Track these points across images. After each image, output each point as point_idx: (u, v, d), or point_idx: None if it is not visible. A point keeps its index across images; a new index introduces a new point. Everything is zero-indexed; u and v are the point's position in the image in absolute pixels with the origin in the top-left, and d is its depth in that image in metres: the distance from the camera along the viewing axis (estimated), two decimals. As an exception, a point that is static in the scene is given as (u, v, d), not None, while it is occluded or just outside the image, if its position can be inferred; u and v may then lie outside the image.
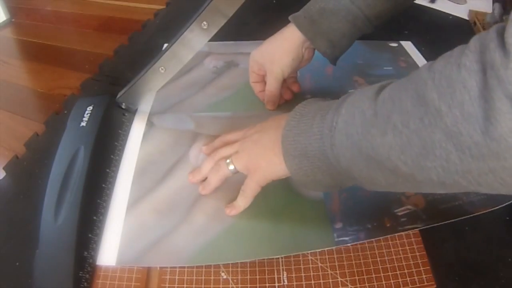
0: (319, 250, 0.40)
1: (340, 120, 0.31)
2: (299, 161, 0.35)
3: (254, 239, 0.40)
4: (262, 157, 0.39)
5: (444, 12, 0.80)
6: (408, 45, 0.69)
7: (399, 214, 0.42)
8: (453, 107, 0.23)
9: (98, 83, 0.64)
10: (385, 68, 0.63)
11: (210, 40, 0.68)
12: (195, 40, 0.47)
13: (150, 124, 0.53)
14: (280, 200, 0.44)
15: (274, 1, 0.85)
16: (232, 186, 0.44)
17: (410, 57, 0.66)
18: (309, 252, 0.40)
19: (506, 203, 0.41)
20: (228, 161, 0.41)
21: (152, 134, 0.52)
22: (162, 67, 0.49)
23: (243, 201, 0.42)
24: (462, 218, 0.41)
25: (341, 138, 0.31)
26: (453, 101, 0.23)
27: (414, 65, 0.64)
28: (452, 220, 0.41)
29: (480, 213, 0.41)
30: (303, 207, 0.43)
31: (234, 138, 0.44)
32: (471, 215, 0.41)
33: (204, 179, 0.45)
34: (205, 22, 0.44)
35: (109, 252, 0.40)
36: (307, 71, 0.60)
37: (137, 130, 0.53)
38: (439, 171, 0.26)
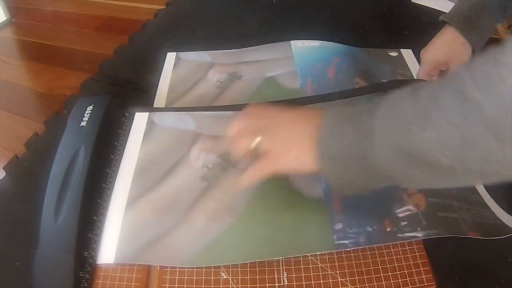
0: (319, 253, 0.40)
1: (378, 122, 0.32)
2: (333, 164, 0.36)
3: (254, 240, 0.40)
4: (289, 150, 0.38)
5: (445, 12, 0.80)
6: (407, 54, 0.68)
7: (400, 216, 0.41)
8: (493, 101, 0.25)
9: (98, 83, 0.64)
10: (382, 80, 0.62)
11: (212, 49, 0.68)
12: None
13: (150, 123, 0.53)
14: (279, 199, 0.44)
15: (274, 1, 0.85)
16: (228, 188, 0.44)
17: (408, 69, 0.65)
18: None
19: (497, 237, 0.40)
20: (253, 137, 0.38)
21: (152, 133, 0.52)
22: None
23: (248, 181, 0.39)
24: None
25: (379, 139, 0.32)
26: (494, 96, 0.25)
27: (410, 78, 0.63)
28: (448, 236, 0.40)
29: (470, 236, 0.40)
30: (303, 207, 0.43)
31: (260, 114, 0.41)
32: (462, 236, 0.40)
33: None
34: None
35: (107, 250, 0.40)
36: (308, 74, 0.60)
37: (137, 129, 0.52)
38: (479, 162, 0.27)
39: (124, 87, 0.62)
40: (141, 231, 0.41)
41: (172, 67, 0.64)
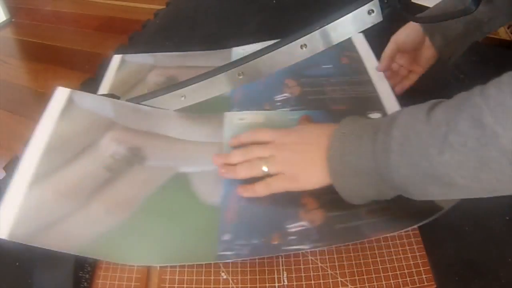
0: (221, 261, 0.39)
1: (394, 142, 0.34)
2: (347, 178, 0.37)
3: (146, 242, 0.40)
4: (302, 170, 0.41)
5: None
6: (357, 36, 0.65)
7: (291, 231, 0.40)
8: (508, 129, 0.27)
9: (98, 83, 0.64)
10: (324, 66, 0.60)
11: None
12: (225, 84, 0.49)
13: (70, 101, 0.51)
14: (177, 202, 0.43)
15: (274, 1, 0.85)
16: (133, 182, 0.44)
17: (356, 51, 0.63)
18: (308, 252, 0.40)
19: (408, 228, 0.39)
20: (262, 162, 0.42)
21: (70, 112, 0.50)
22: (184, 96, 0.50)
23: (263, 191, 0.42)
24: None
25: (396, 158, 0.33)
26: (509, 124, 0.27)
27: (357, 60, 0.61)
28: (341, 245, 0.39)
29: (376, 237, 0.39)
30: (197, 214, 0.42)
31: (264, 138, 0.45)
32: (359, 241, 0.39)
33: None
34: (241, 72, 0.47)
35: (3, 224, 0.39)
36: None
37: (55, 105, 0.50)
38: (493, 182, 0.30)
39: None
40: (40, 213, 0.40)
41: (115, 70, 0.64)
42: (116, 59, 0.66)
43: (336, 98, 0.56)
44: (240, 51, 0.67)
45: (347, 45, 0.64)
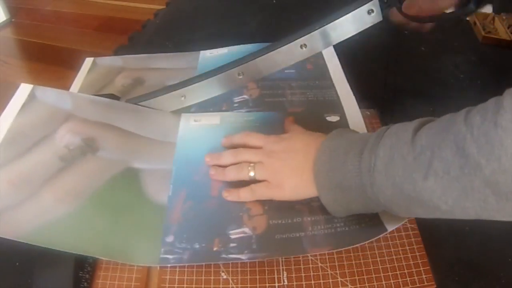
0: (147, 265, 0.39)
1: (379, 162, 0.33)
2: (334, 193, 0.38)
3: (91, 234, 0.40)
4: (288, 179, 0.41)
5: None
6: None
7: (232, 237, 0.40)
8: (491, 161, 0.27)
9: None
10: (286, 71, 0.59)
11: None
12: (225, 84, 0.49)
13: (32, 95, 0.52)
14: (125, 197, 0.44)
15: (274, 1, 0.85)
16: (84, 172, 0.45)
17: (322, 57, 0.62)
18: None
19: (347, 247, 0.39)
20: (250, 167, 0.43)
21: (30, 106, 0.51)
22: (184, 96, 0.51)
23: (247, 197, 0.42)
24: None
25: (381, 178, 0.33)
26: (492, 156, 0.27)
27: (322, 68, 0.60)
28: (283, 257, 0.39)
29: (317, 253, 0.39)
30: (143, 210, 0.42)
31: (255, 143, 0.45)
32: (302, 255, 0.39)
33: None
34: (241, 72, 0.47)
35: None
36: None
37: (17, 99, 0.51)
38: (477, 209, 0.29)
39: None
40: None
41: (85, 72, 0.64)
42: (88, 62, 0.66)
43: (294, 101, 0.56)
44: (207, 54, 0.67)
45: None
